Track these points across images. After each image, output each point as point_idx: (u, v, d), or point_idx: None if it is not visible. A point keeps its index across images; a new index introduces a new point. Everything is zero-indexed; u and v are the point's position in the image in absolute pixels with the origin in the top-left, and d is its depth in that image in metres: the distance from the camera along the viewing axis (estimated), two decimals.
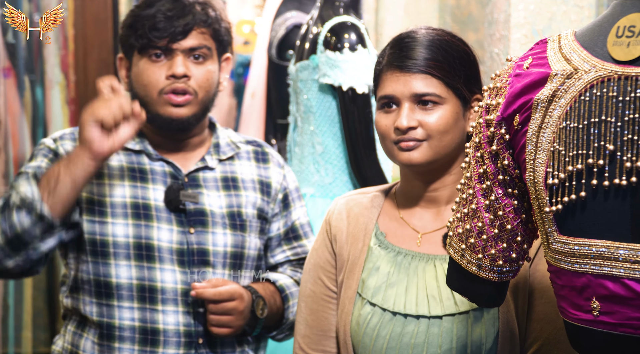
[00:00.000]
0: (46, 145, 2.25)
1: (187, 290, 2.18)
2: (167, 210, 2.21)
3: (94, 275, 2.18)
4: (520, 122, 1.47)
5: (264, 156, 2.40)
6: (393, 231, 1.97)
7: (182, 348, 2.18)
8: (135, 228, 2.19)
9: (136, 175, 2.24)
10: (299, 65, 3.07)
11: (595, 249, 1.39)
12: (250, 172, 2.34)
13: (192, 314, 2.19)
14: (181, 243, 2.21)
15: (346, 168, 3.04)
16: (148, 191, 2.22)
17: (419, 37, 1.90)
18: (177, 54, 2.20)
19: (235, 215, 2.28)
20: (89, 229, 2.18)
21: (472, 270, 1.60)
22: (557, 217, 1.44)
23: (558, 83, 1.42)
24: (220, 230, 2.25)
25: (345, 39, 2.93)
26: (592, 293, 1.41)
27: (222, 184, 2.30)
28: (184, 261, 2.20)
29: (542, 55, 1.48)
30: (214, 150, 2.32)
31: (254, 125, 4.08)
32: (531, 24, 2.86)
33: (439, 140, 1.87)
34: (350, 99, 2.94)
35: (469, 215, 1.58)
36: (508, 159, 1.52)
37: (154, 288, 2.18)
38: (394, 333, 1.87)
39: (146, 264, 2.18)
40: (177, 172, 2.26)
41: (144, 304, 2.17)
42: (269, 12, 4.01)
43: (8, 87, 3.82)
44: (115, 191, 2.21)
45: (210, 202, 2.25)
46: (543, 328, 1.85)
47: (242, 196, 2.30)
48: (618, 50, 1.38)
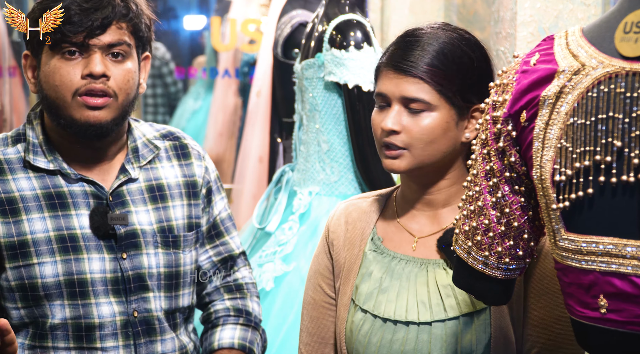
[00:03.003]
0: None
1: (126, 321, 2.00)
2: (96, 237, 1.99)
3: (27, 318, 1.98)
4: (527, 118, 1.46)
5: (184, 150, 2.16)
6: (390, 235, 1.94)
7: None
8: (65, 265, 1.97)
9: (55, 202, 1.99)
10: (304, 63, 3.07)
11: (603, 246, 1.39)
12: (173, 175, 2.12)
13: (132, 348, 2.01)
14: (115, 271, 2.00)
15: (352, 166, 3.03)
16: (71, 219, 1.99)
17: (423, 37, 1.85)
18: (94, 51, 1.94)
19: (166, 231, 2.07)
20: (16, 276, 1.96)
21: (479, 268, 1.59)
22: (564, 214, 1.43)
23: (565, 80, 1.41)
24: (152, 250, 2.04)
25: (350, 37, 2.93)
26: (600, 291, 1.40)
27: (148, 196, 2.08)
28: (119, 290, 2.00)
29: (549, 51, 1.47)
30: (133, 156, 2.08)
31: (259, 123, 4.09)
32: (537, 22, 2.85)
33: (421, 149, 1.82)
34: (356, 97, 2.94)
35: (476, 213, 1.58)
36: (515, 156, 1.51)
37: (92, 325, 1.98)
38: (385, 339, 1.84)
39: (80, 301, 1.97)
40: (100, 191, 2.02)
41: (80, 344, 1.98)
42: (274, 10, 4.02)
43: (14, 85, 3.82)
44: (35, 226, 1.97)
45: (139, 220, 2.04)
46: (540, 333, 1.81)
47: (169, 209, 2.09)
48: (626, 46, 1.37)
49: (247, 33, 4.49)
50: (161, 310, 2.04)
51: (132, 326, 2.01)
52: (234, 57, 4.91)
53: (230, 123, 5.03)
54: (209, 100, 5.30)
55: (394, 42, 1.90)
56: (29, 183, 1.99)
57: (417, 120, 1.81)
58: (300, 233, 3.02)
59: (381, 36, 4.34)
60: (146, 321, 2.02)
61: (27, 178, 1.99)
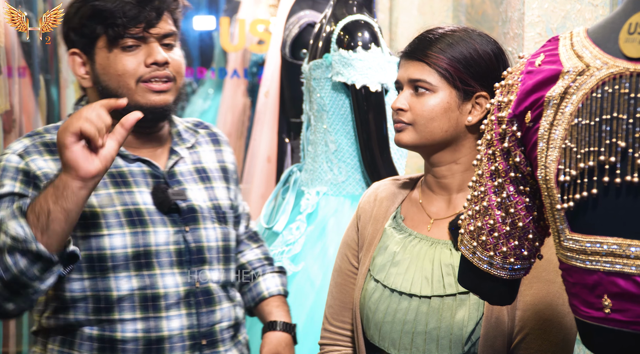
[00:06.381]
0: (11, 164, 2.05)
1: (188, 291, 2.13)
2: (159, 212, 2.13)
3: (91, 291, 2.07)
4: (532, 119, 1.47)
5: (216, 137, 2.37)
6: (411, 215, 2.11)
7: (187, 352, 2.13)
8: (133, 237, 2.08)
9: (117, 180, 2.12)
10: (312, 63, 3.08)
11: (607, 246, 1.39)
12: (211, 159, 2.31)
13: (195, 316, 2.14)
14: (178, 243, 2.14)
15: (359, 166, 3.04)
16: (134, 195, 2.12)
17: (433, 31, 2.05)
18: (152, 41, 2.11)
19: (217, 208, 2.24)
20: (85, 246, 2.05)
21: (484, 268, 1.60)
22: (569, 214, 1.43)
23: (570, 80, 1.42)
24: (210, 224, 2.20)
25: (358, 38, 2.93)
26: (604, 291, 1.40)
27: (197, 176, 2.24)
28: (182, 261, 2.14)
29: (554, 52, 1.48)
30: (178, 139, 2.26)
31: (267, 123, 4.09)
32: (545, 22, 2.85)
33: (423, 126, 2.01)
34: (364, 97, 2.94)
35: (481, 213, 1.58)
36: (520, 156, 1.51)
37: (157, 295, 2.10)
38: (390, 308, 2.01)
39: (146, 272, 2.09)
40: (156, 170, 2.18)
41: (147, 314, 2.09)
42: (282, 11, 4.02)
43: (23, 86, 3.83)
44: (102, 201, 2.08)
45: (195, 197, 2.20)
46: (529, 317, 1.92)
47: (215, 189, 2.26)
48: (630, 47, 1.37)
49: (255, 33, 4.50)
50: (218, 282, 2.20)
51: (194, 296, 2.15)
52: (243, 58, 4.91)
53: (239, 123, 5.04)
54: (217, 100, 5.31)
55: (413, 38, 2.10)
56: None
57: (421, 100, 2.01)
58: (308, 233, 3.03)
59: (389, 36, 4.34)
60: (206, 291, 2.17)
61: None
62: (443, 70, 1.99)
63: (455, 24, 2.09)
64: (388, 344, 2.01)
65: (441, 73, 1.99)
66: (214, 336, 2.17)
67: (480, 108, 2.00)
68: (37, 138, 2.12)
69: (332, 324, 2.19)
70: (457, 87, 1.99)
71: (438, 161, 2.05)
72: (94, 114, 1.82)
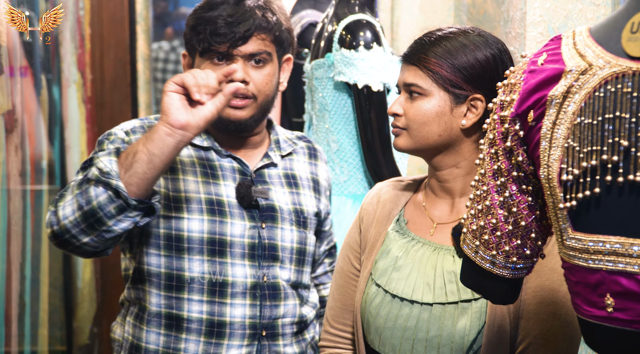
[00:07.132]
0: (118, 136, 2.21)
1: (255, 283, 2.24)
2: (239, 206, 2.26)
3: (165, 268, 2.21)
4: (535, 118, 1.47)
5: (314, 152, 2.49)
6: (415, 218, 2.10)
7: (246, 340, 2.23)
8: (210, 224, 2.22)
9: (207, 171, 2.27)
10: (314, 63, 3.08)
11: (609, 245, 1.39)
12: (304, 169, 2.43)
13: (258, 307, 2.24)
14: (253, 237, 2.25)
15: (361, 166, 3.04)
16: (220, 187, 2.26)
17: (433, 34, 2.02)
18: (237, 59, 2.22)
19: (298, 212, 2.35)
20: (165, 224, 2.21)
21: (486, 267, 1.60)
22: (571, 213, 1.43)
23: (572, 80, 1.42)
24: (288, 226, 2.31)
25: (360, 37, 2.93)
26: (606, 290, 1.40)
27: (285, 181, 2.36)
28: (254, 255, 2.25)
29: (556, 51, 1.48)
30: (275, 146, 2.39)
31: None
32: (547, 22, 2.85)
33: (417, 130, 2.01)
34: (366, 97, 2.94)
35: (483, 212, 1.58)
36: (522, 155, 1.51)
37: (225, 282, 2.22)
38: (391, 314, 2.00)
39: (218, 259, 2.22)
40: (245, 168, 2.31)
41: (213, 298, 2.21)
42: None
43: (25, 85, 3.83)
44: (189, 187, 2.23)
45: (277, 198, 2.31)
46: (532, 326, 1.90)
47: (302, 195, 2.38)
48: (633, 46, 1.37)
49: None
50: (288, 280, 2.30)
51: (260, 289, 2.25)
52: None
53: None
54: None
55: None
56: (187, 151, 2.27)
57: (414, 104, 2.01)
58: None
59: (391, 36, 4.34)
60: (273, 286, 2.27)
61: (186, 148, 2.25)
62: (435, 74, 1.97)
63: (457, 25, 2.07)
64: (388, 350, 2.00)
65: (433, 78, 1.98)
66: (274, 329, 2.27)
67: (475, 111, 1.98)
68: (146, 121, 2.28)
69: (333, 326, 2.19)
70: (449, 90, 1.97)
71: (439, 165, 2.05)
72: (202, 73, 1.99)
